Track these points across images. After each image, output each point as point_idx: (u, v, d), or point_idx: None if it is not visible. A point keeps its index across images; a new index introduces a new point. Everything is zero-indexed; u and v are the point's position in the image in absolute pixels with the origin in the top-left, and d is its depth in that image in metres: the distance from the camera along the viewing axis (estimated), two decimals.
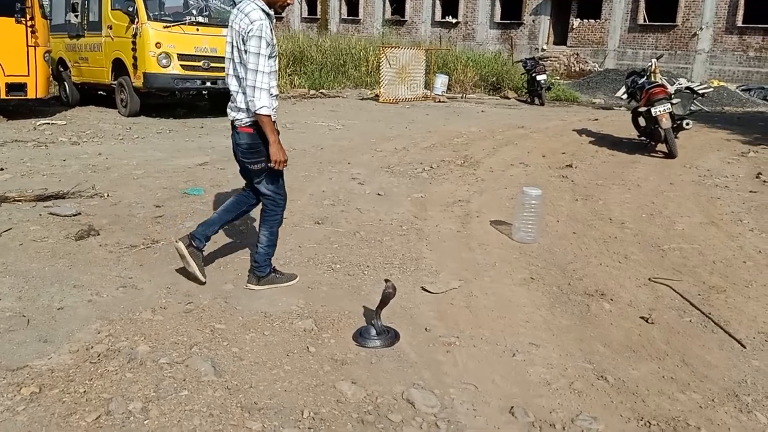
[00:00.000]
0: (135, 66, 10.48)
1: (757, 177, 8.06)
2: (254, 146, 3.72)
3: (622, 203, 6.57)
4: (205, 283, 4.00)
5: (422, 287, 4.16)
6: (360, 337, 3.46)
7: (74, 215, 5.25)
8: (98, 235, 4.82)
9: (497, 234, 5.37)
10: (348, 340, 3.45)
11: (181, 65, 10.56)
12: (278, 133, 3.73)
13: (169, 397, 2.83)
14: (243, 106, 3.64)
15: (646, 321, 3.87)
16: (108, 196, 5.89)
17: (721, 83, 20.08)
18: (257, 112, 3.52)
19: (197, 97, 12.23)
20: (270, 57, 3.59)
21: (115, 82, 11.22)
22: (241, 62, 3.57)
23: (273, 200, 3.92)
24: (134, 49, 10.44)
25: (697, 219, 6.11)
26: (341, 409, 2.84)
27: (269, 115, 3.57)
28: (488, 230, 5.46)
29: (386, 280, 3.55)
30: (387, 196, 6.40)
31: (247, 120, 3.66)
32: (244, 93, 3.57)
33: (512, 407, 2.91)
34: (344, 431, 2.68)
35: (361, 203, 6.06)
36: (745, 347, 3.58)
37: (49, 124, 9.73)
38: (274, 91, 3.69)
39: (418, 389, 3.01)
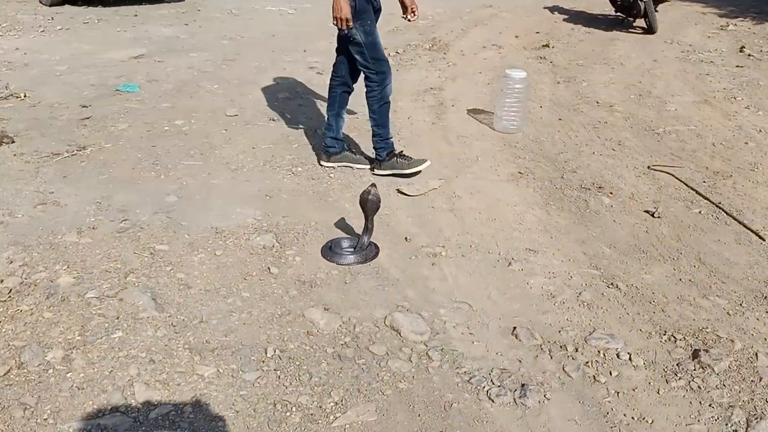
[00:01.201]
0: None
1: (740, 51, 7.55)
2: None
3: (608, 84, 6.01)
4: (370, 166, 3.88)
5: (398, 189, 3.62)
6: (330, 252, 2.94)
7: None
8: (13, 142, 4.08)
9: (477, 124, 4.80)
10: (316, 257, 2.93)
11: None
12: None
13: (98, 341, 2.29)
14: None
15: (652, 215, 3.44)
16: (26, 96, 5.05)
17: None
18: None
19: None
20: None
21: None
22: None
23: (365, 74, 3.63)
24: None
25: (689, 98, 5.62)
26: (313, 343, 2.35)
27: None
28: (466, 120, 4.88)
29: (372, 185, 2.98)
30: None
31: None
32: None
33: (515, 328, 2.47)
34: (318, 372, 2.21)
35: (322, 95, 5.36)
36: (764, 240, 3.19)
37: None
38: None
39: (403, 312, 2.53)
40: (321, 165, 3.90)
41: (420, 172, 3.73)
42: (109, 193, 3.49)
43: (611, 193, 3.70)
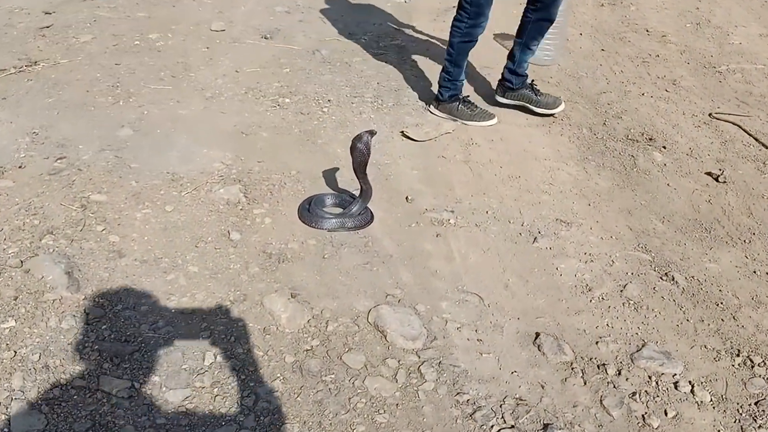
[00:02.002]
0: None
1: None
2: None
3: (660, 9, 5.16)
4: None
5: (402, 132, 2.96)
6: (308, 213, 2.33)
7: None
8: None
9: (504, 53, 4.00)
10: (291, 219, 2.33)
11: None
12: None
13: None
14: None
15: (716, 179, 2.77)
16: None
17: None
18: None
19: None
20: None
21: None
22: None
23: (460, 3, 2.97)
24: None
25: (755, 29, 4.78)
26: (269, 346, 1.78)
27: None
28: (492, 48, 4.12)
29: (369, 132, 2.33)
30: (359, 0, 4.92)
31: None
32: None
33: (537, 335, 1.88)
34: (268, 392, 1.64)
35: (326, 10, 4.61)
36: None
37: None
38: None
39: (392, 306, 1.94)
40: (498, 101, 3.24)
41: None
42: (51, 121, 2.87)
43: (664, 148, 3.02)
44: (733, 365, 1.82)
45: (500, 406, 1.64)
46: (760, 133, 3.20)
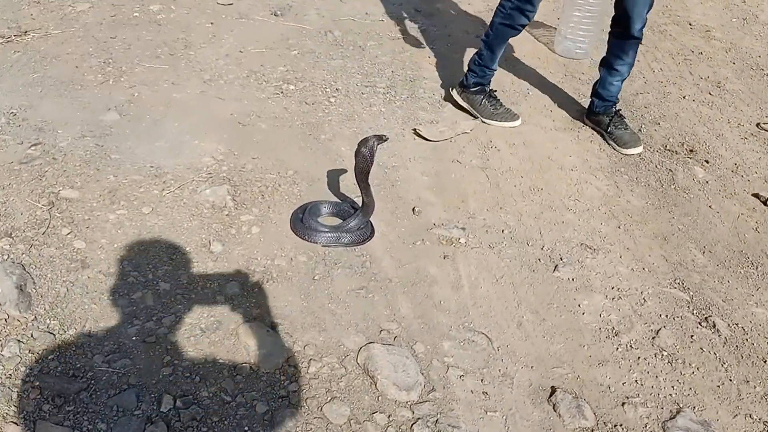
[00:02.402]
0: None
1: None
2: None
3: (704, 1, 4.77)
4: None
5: (415, 130, 2.67)
6: (301, 224, 2.06)
7: None
8: None
9: (533, 42, 3.72)
10: (282, 229, 2.07)
11: None
12: None
13: None
14: None
15: (764, 203, 2.47)
16: None
17: None
18: None
19: None
20: None
21: None
22: None
23: None
24: None
25: None
26: (239, 391, 1.53)
27: None
28: (520, 36, 3.78)
29: (378, 136, 2.06)
30: None
31: None
32: None
33: (554, 391, 1.61)
34: None
35: None
36: None
37: None
38: None
39: (386, 346, 1.68)
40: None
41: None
42: (33, 100, 2.62)
43: (707, 162, 2.71)
44: None
45: None
46: None
